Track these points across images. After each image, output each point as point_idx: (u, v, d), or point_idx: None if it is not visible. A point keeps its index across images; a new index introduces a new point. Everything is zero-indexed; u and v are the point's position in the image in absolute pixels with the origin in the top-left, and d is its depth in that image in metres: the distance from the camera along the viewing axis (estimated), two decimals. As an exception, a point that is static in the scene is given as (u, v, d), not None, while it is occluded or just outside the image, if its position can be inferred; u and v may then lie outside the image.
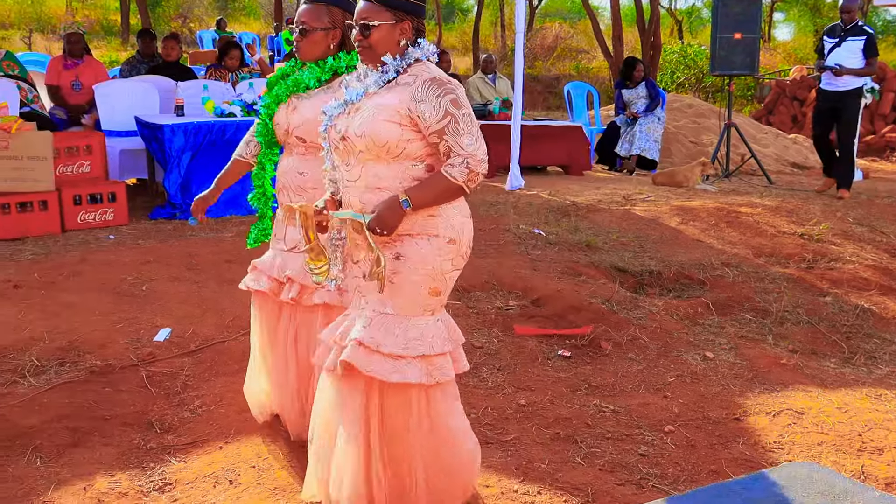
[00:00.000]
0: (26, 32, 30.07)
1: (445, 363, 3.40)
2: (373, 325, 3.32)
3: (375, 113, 3.23)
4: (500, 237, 8.15)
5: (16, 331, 5.61)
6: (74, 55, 10.72)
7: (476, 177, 3.21)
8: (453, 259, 3.37)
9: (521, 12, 10.90)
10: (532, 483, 4.04)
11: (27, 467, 4.18)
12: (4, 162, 7.94)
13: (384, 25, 3.26)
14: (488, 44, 33.65)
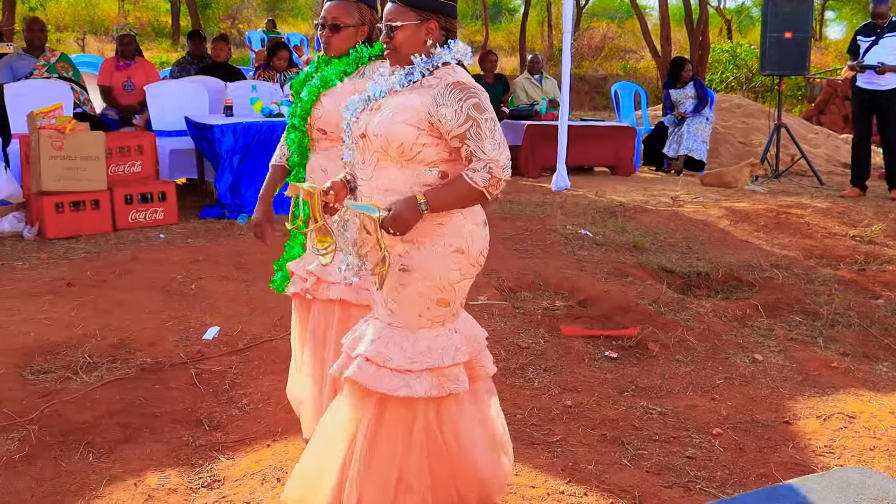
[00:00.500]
0: (80, 34, 30.41)
1: (459, 374, 3.33)
2: (381, 339, 3.28)
3: (395, 113, 3.19)
4: (547, 237, 8.13)
5: (69, 328, 5.69)
6: (126, 56, 10.83)
7: (498, 183, 3.13)
8: (461, 269, 3.28)
9: (568, 12, 10.87)
10: (578, 484, 4.03)
11: (80, 462, 4.23)
12: (58, 162, 8.04)
13: (408, 26, 3.21)
14: (535, 44, 33.58)
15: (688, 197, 10.46)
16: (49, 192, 8.07)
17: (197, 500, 3.90)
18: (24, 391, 4.83)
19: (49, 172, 8.06)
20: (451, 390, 3.29)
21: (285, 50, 11.45)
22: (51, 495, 3.97)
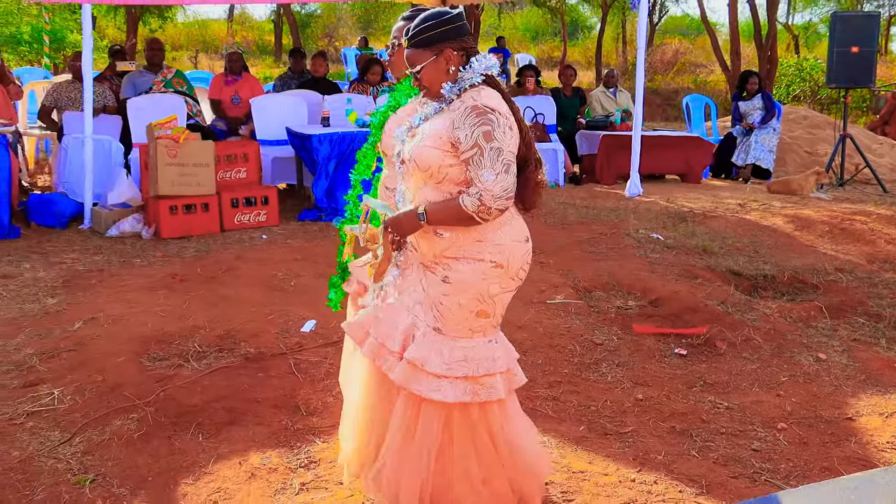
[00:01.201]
0: (193, 53, 30.93)
1: (494, 382, 3.31)
2: (422, 343, 3.28)
3: (424, 138, 3.20)
4: (620, 241, 8.08)
5: (181, 320, 5.80)
6: (234, 72, 11.01)
7: (487, 210, 3.07)
8: (501, 282, 3.27)
9: (642, 29, 10.80)
10: (649, 473, 4.01)
11: (191, 441, 4.32)
12: (173, 168, 8.20)
13: (428, 64, 3.23)
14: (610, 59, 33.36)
15: (755, 203, 10.32)
16: (164, 196, 8.24)
17: (295, 479, 3.95)
18: (142, 376, 4.95)
19: (165, 178, 8.23)
20: (485, 398, 3.29)
21: (378, 65, 11.53)
22: (165, 471, 4.06)
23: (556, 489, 3.83)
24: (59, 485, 3.96)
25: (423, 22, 3.22)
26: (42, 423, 4.53)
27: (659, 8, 33.68)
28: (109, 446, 4.29)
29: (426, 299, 3.31)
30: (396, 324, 3.36)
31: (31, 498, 3.86)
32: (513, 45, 33.65)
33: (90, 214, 8.66)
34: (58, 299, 6.42)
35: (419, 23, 3.23)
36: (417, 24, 3.23)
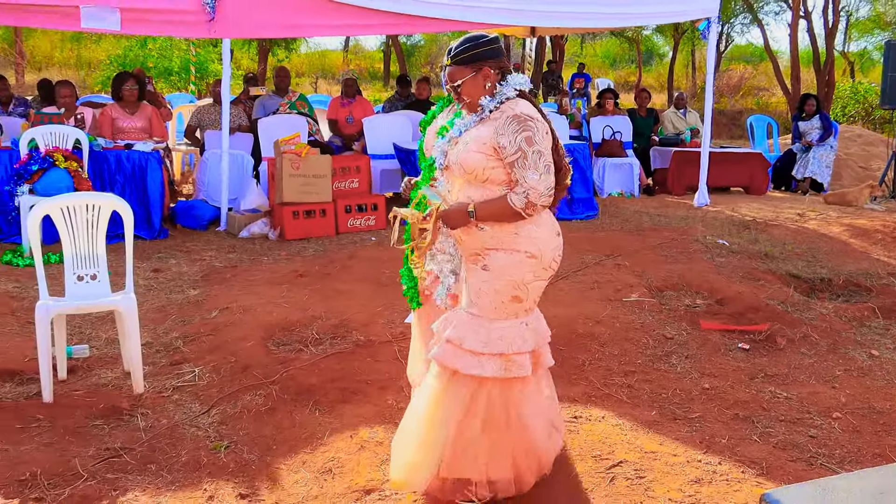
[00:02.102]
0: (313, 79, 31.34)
1: (524, 361, 3.32)
2: (461, 324, 3.30)
3: (468, 144, 3.24)
4: (689, 246, 7.96)
5: (301, 310, 5.88)
6: (349, 95, 11.13)
7: (533, 207, 3.14)
8: (534, 271, 3.28)
9: (711, 56, 10.64)
10: (713, 455, 3.94)
11: (309, 416, 4.38)
12: (296, 179, 8.32)
13: (467, 80, 3.26)
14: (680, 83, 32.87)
15: (813, 213, 10.07)
16: (288, 203, 8.36)
17: (400, 451, 3.98)
18: (268, 358, 5.03)
19: (289, 187, 8.35)
20: (515, 374, 3.30)
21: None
22: (288, 440, 4.12)
23: (630, 467, 3.79)
24: (199, 449, 4.05)
25: (464, 43, 3.28)
26: (185, 397, 4.64)
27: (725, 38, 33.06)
28: (241, 418, 4.37)
29: (466, 286, 3.34)
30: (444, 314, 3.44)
31: (176, 459, 3.95)
32: (593, 70, 33.38)
33: (226, 218, 8.82)
34: (198, 291, 6.57)
35: (461, 43, 3.29)
36: (460, 45, 3.29)
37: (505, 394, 3.34)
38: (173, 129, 12.01)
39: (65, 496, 3.63)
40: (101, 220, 4.72)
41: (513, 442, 3.37)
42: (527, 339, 3.33)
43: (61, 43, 29.72)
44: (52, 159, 7.73)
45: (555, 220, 3.38)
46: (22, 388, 4.77)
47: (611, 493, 3.58)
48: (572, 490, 3.61)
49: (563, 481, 3.66)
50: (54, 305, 4.57)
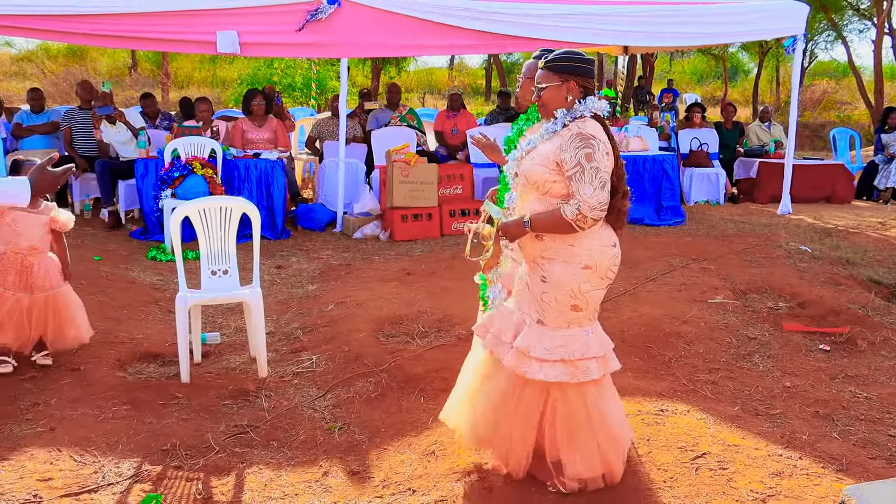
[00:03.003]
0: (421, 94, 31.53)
1: (589, 365, 3.28)
2: (527, 333, 3.27)
3: (535, 157, 3.22)
4: (772, 252, 7.74)
5: (409, 306, 5.91)
6: (454, 109, 11.15)
7: (584, 219, 3.07)
8: (591, 281, 3.23)
9: (796, 71, 10.33)
10: (794, 450, 3.81)
11: (415, 402, 4.41)
12: (405, 185, 8.39)
13: (552, 87, 3.24)
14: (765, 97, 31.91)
15: (894, 222, 9.67)
16: (398, 207, 8.43)
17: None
18: (378, 349, 5.08)
19: (398, 193, 8.42)
20: (580, 379, 3.26)
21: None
22: (395, 424, 4.15)
23: (713, 459, 3.70)
24: (316, 430, 4.11)
25: (562, 54, 3.27)
26: (304, 382, 4.72)
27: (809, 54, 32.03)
28: (353, 402, 4.43)
29: (531, 296, 3.31)
30: (510, 320, 3.39)
31: (295, 438, 4.03)
32: (681, 86, 32.73)
33: (341, 221, 8.94)
34: (316, 286, 6.67)
35: (559, 53, 3.28)
36: (557, 54, 3.28)
37: (581, 395, 3.32)
38: (296, 140, 12.22)
39: (199, 465, 3.73)
40: (233, 222, 4.84)
41: (597, 438, 3.34)
42: (591, 346, 3.30)
43: (200, 64, 30.59)
44: (191, 167, 7.97)
45: (612, 232, 3.31)
46: (164, 370, 4.93)
47: (695, 482, 3.50)
48: (657, 478, 3.54)
49: (649, 470, 3.60)
50: (192, 297, 4.70)
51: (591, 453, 3.34)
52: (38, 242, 4.69)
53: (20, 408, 4.26)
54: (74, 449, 3.82)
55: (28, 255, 4.65)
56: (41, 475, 3.59)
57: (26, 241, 4.64)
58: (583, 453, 3.33)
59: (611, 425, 3.37)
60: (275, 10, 8.14)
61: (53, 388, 4.49)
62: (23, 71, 28.55)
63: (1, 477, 3.57)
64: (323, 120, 10.79)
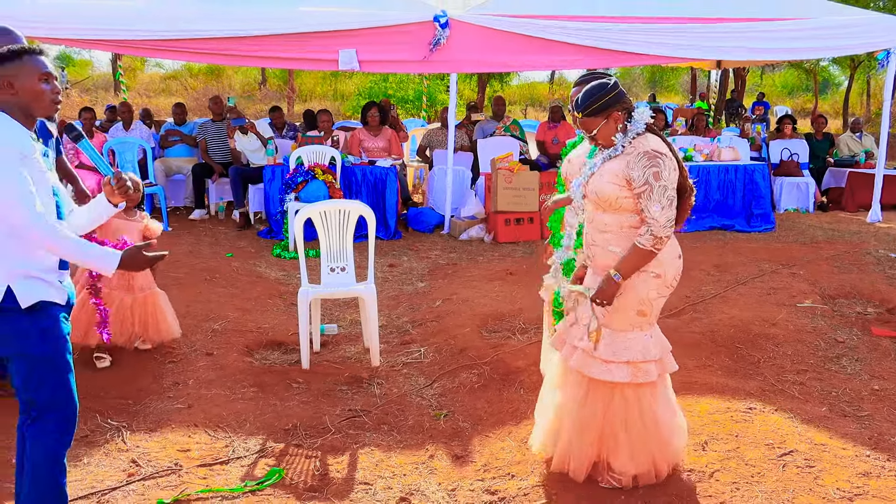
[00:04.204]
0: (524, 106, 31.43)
1: (650, 368, 3.22)
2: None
3: (603, 176, 3.16)
4: (861, 258, 7.40)
5: (510, 303, 5.89)
6: (554, 121, 11.05)
7: (659, 241, 3.03)
8: (658, 289, 3.20)
9: (889, 84, 9.84)
10: (882, 451, 3.64)
11: (514, 394, 4.38)
12: (509, 191, 8.36)
13: (601, 128, 3.16)
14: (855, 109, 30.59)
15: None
16: (501, 212, 8.41)
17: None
18: (482, 343, 5.07)
19: (502, 198, 8.40)
20: (642, 380, 3.21)
21: (662, 114, 11.24)
22: (496, 413, 4.15)
23: (800, 457, 3.56)
24: (423, 416, 4.14)
25: (589, 96, 3.17)
26: (412, 371, 4.76)
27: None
28: (458, 392, 4.44)
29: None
30: (580, 328, 3.34)
31: (404, 423, 4.07)
32: (772, 99, 31.66)
33: (449, 223, 8.97)
34: (425, 283, 6.72)
35: (586, 97, 3.18)
36: (585, 98, 3.18)
37: (638, 396, 3.27)
38: (408, 149, 12.33)
39: (317, 444, 3.81)
40: (350, 223, 4.92)
41: (649, 437, 3.29)
42: (651, 349, 3.25)
43: (322, 80, 31.21)
44: (313, 173, 8.15)
45: (677, 243, 3.27)
46: (287, 357, 5.05)
47: (781, 478, 3.38)
48: (745, 473, 3.44)
49: (737, 465, 3.50)
50: (312, 291, 4.80)
51: (642, 451, 3.30)
52: None
53: (163, 386, 4.44)
54: (208, 425, 3.95)
55: None
56: (181, 446, 3.73)
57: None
58: (633, 451, 3.29)
59: (661, 426, 3.32)
60: (390, 30, 8.25)
61: (191, 370, 4.65)
62: (169, 88, 29.72)
63: (148, 446, 3.73)
64: (433, 130, 10.86)
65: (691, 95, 23.28)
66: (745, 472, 3.44)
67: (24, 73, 2.62)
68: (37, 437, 2.68)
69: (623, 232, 3.17)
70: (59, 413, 2.69)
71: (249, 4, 8.21)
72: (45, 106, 2.68)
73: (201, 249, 7.76)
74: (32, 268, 2.63)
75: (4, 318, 2.61)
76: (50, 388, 2.67)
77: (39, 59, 2.67)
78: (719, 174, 9.21)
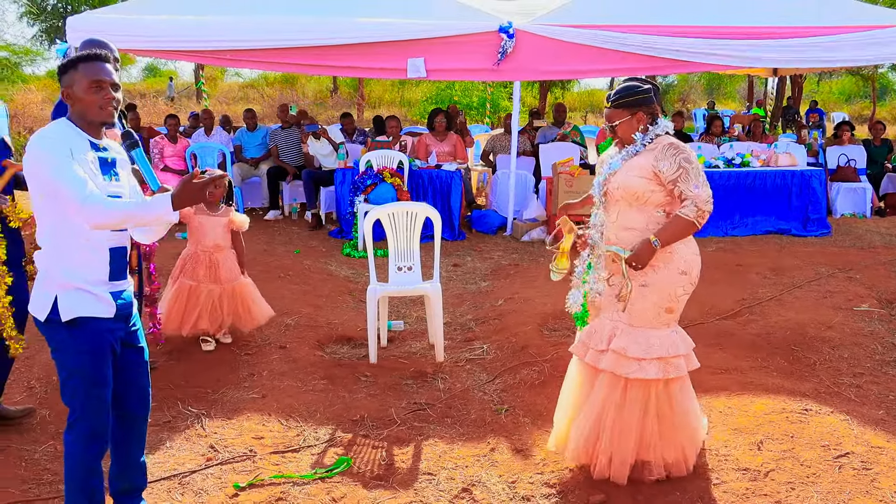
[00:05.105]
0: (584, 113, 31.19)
1: (679, 363, 3.21)
2: (622, 336, 3.19)
3: (629, 171, 3.14)
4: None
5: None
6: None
7: (703, 214, 3.03)
8: (684, 286, 3.19)
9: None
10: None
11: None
12: (569, 195, 8.24)
13: (623, 121, 3.18)
14: (915, 113, 29.57)
15: None
16: (560, 215, 8.33)
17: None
18: (542, 341, 5.04)
19: (563, 201, 8.33)
20: (673, 374, 3.19)
21: (719, 120, 11.03)
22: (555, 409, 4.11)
23: (856, 459, 3.45)
24: (485, 410, 4.13)
25: (622, 90, 3.22)
26: (475, 367, 4.75)
27: (961, 73, 29.45)
28: (518, 388, 4.42)
29: (622, 304, 3.22)
30: (602, 331, 3.30)
31: (466, 416, 4.06)
32: (829, 105, 30.73)
33: (511, 225, 8.93)
34: (488, 283, 6.71)
35: (619, 90, 3.23)
36: (618, 92, 3.23)
37: (668, 391, 3.24)
38: (472, 153, 12.33)
39: (384, 435, 3.83)
40: (417, 224, 4.94)
41: (679, 429, 3.27)
42: (678, 344, 3.23)
43: (390, 87, 31.44)
44: (381, 176, 8.21)
45: (695, 241, 3.25)
46: (355, 351, 5.09)
47: (837, 479, 3.28)
48: (800, 473, 3.35)
49: (792, 466, 3.41)
50: (381, 289, 4.84)
51: (673, 443, 3.27)
52: (221, 241, 4.91)
53: (239, 377, 4.52)
54: (281, 414, 4.01)
55: (213, 252, 4.87)
56: (255, 434, 3.79)
57: (211, 240, 4.87)
58: (666, 443, 3.26)
59: (690, 419, 3.31)
60: (456, 39, 8.26)
61: (265, 362, 4.73)
62: (247, 96, 30.27)
63: (224, 433, 3.80)
64: (496, 135, 10.83)
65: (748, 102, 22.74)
66: (800, 472, 3.35)
67: (77, 82, 2.59)
68: (69, 444, 2.67)
69: (649, 230, 3.15)
70: (88, 425, 2.65)
71: (322, 16, 8.31)
72: (94, 112, 2.61)
73: (275, 248, 7.88)
74: (81, 280, 2.60)
75: (49, 328, 2.61)
76: (81, 400, 2.63)
77: (94, 67, 2.61)
78: (776, 179, 8.98)
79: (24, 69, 22.79)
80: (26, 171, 2.55)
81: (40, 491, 3.26)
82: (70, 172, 2.46)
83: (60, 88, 2.65)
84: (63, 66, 2.63)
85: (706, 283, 6.13)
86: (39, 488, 3.28)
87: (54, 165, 2.47)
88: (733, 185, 8.80)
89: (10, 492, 3.23)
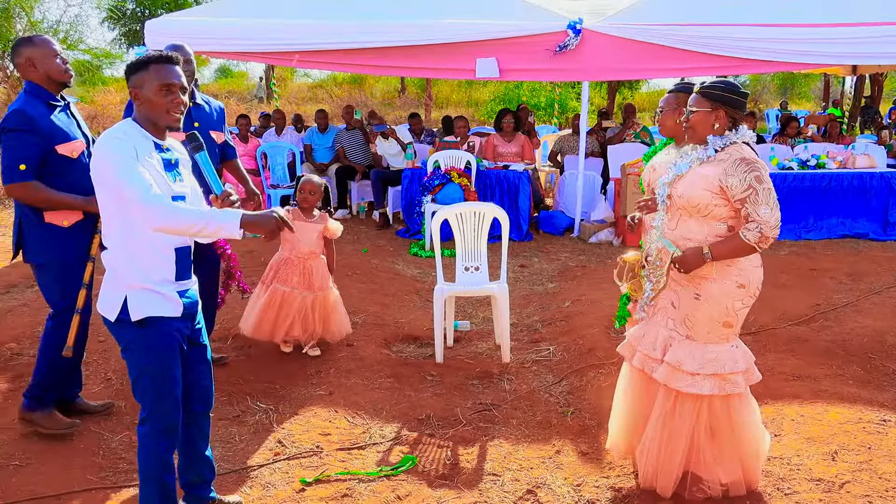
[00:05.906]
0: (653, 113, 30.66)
1: (738, 379, 3.07)
2: (677, 349, 3.08)
3: (694, 181, 2.99)
4: None
5: (636, 306, 5.76)
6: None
7: (766, 240, 2.87)
8: (742, 299, 3.03)
9: None
10: None
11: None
12: (638, 196, 8.16)
13: (701, 112, 3.01)
14: None
15: None
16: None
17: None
18: (609, 343, 4.94)
19: (632, 203, 8.21)
20: (729, 391, 3.05)
21: (795, 121, 10.75)
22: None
23: (939, 472, 3.32)
24: (550, 412, 4.11)
25: (718, 83, 3.04)
26: (541, 369, 4.73)
27: None
28: (585, 390, 4.38)
29: (678, 314, 3.12)
30: (655, 337, 3.20)
31: (532, 418, 4.05)
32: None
33: (578, 227, 8.86)
34: (554, 284, 6.67)
35: (716, 82, 3.05)
36: (714, 82, 3.06)
37: (727, 407, 3.12)
38: (540, 154, 12.26)
39: (449, 435, 3.85)
40: (485, 225, 4.94)
41: (737, 446, 3.15)
42: (738, 360, 3.09)
43: (458, 87, 31.49)
44: (449, 176, 8.23)
45: (758, 253, 3.05)
46: (421, 350, 5.12)
47: (918, 494, 3.16)
48: (878, 487, 3.23)
49: (870, 478, 3.29)
50: (448, 289, 4.85)
51: (731, 460, 3.17)
52: (315, 247, 4.83)
53: (307, 374, 4.58)
54: (348, 411, 4.06)
55: (307, 259, 4.80)
56: (322, 430, 3.84)
57: (306, 247, 4.79)
58: (722, 460, 3.16)
59: (752, 436, 3.18)
60: (526, 40, 8.23)
61: (332, 360, 4.79)
62: (316, 96, 30.69)
63: (292, 428, 3.86)
64: (564, 136, 10.75)
65: (824, 102, 22.03)
66: (878, 485, 3.24)
67: (147, 83, 2.58)
68: (142, 437, 2.71)
69: (707, 243, 3.00)
70: (158, 423, 2.69)
71: (390, 17, 8.38)
72: (161, 115, 2.61)
73: (343, 247, 7.96)
74: (149, 280, 2.61)
75: (119, 327, 2.64)
76: (151, 399, 2.68)
77: (164, 69, 2.60)
78: (854, 181, 8.69)
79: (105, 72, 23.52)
80: (93, 171, 2.57)
81: (117, 479, 3.37)
82: (134, 172, 2.48)
83: (129, 87, 2.63)
84: (133, 65, 2.61)
85: (778, 287, 6.00)
86: (116, 476, 3.39)
87: (119, 165, 2.49)
88: (807, 187, 8.55)
89: (90, 479, 3.35)
